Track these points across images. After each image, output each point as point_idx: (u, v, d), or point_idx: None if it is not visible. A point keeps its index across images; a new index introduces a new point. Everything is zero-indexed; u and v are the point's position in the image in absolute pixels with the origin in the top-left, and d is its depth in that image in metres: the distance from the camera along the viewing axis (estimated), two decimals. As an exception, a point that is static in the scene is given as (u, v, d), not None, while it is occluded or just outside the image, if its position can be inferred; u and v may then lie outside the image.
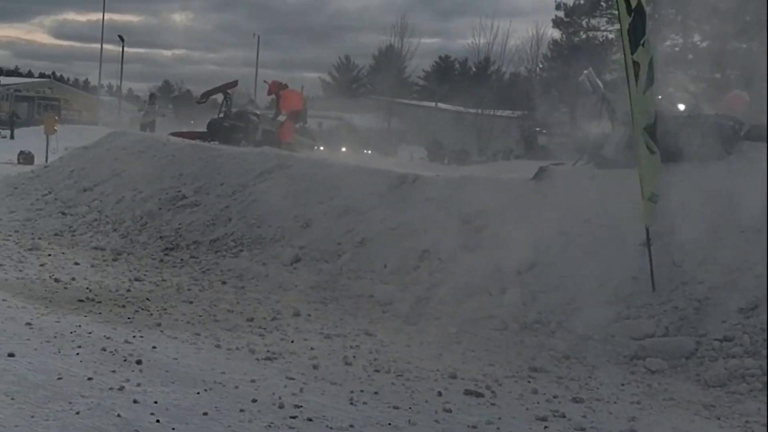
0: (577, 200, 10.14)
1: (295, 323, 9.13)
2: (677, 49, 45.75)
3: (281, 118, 21.02)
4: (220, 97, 22.31)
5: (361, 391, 6.83)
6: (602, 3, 60.97)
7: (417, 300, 9.71)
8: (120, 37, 75.39)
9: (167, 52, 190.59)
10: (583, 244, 9.60)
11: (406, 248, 10.86)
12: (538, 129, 60.47)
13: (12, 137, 50.20)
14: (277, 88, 21.40)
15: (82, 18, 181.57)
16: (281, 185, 13.48)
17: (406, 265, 10.63)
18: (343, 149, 39.97)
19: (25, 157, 31.79)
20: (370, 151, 46.14)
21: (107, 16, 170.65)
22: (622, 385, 7.52)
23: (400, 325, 9.19)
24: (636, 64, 8.70)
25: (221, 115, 21.18)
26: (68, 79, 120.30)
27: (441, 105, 79.43)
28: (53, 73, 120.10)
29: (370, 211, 12.01)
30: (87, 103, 77.17)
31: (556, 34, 65.73)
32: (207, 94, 23.41)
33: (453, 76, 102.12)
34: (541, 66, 67.54)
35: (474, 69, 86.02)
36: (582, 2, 61.06)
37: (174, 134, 19.54)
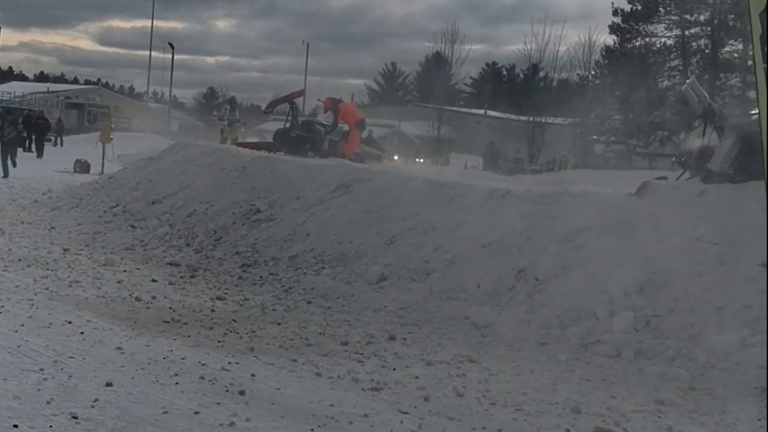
0: (686, 217, 9.56)
1: (392, 348, 8.62)
2: None
3: (345, 128, 20.66)
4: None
5: (483, 428, 6.32)
6: (660, 9, 60.08)
7: (517, 323, 9.17)
8: (170, 44, 76.03)
9: (211, 59, 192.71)
10: (696, 264, 9.01)
11: (501, 267, 10.35)
12: (594, 137, 59.83)
13: (61, 144, 50.25)
14: (333, 104, 20.97)
15: (126, 24, 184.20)
16: (361, 200, 13.04)
17: (501, 286, 10.11)
18: (395, 158, 39.73)
19: (81, 166, 31.64)
20: (422, 160, 45.66)
21: (152, 23, 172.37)
22: (759, 420, 6.93)
23: (505, 351, 8.63)
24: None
25: (287, 125, 20.79)
26: (114, 86, 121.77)
27: (490, 112, 78.94)
28: (99, 79, 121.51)
29: (458, 227, 11.52)
30: (136, 110, 77.48)
31: (609, 40, 64.80)
32: (273, 104, 23.04)
33: (501, 82, 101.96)
34: (593, 72, 66.44)
35: (522, 75, 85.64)
36: (639, 8, 60.12)
37: (239, 144, 19.19)
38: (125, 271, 11.85)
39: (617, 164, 46.48)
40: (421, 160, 44.77)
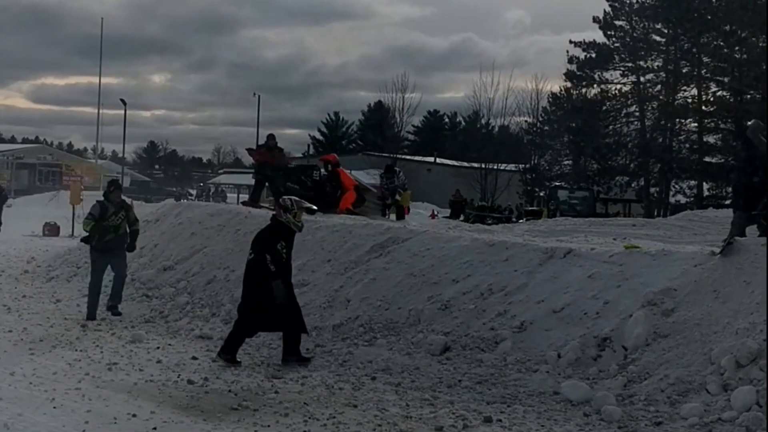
0: (784, 277, 8.92)
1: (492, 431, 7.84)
2: None
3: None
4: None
5: None
6: (615, 56, 60.64)
7: (618, 399, 8.40)
8: (122, 100, 74.48)
9: (147, 113, 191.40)
10: (810, 329, 8.36)
11: (580, 335, 9.62)
12: (558, 184, 59.78)
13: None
14: (337, 162, 20.09)
15: (60, 81, 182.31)
16: (402, 261, 12.25)
17: (586, 356, 9.38)
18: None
19: (51, 229, 30.61)
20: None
21: (86, 79, 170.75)
22: None
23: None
24: None
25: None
26: (52, 143, 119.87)
27: (440, 159, 78.85)
28: (36, 137, 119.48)
29: (520, 290, 10.78)
30: (86, 168, 75.84)
31: (556, 87, 65.35)
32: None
33: (444, 130, 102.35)
34: (542, 119, 66.73)
35: (464, 123, 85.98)
36: (594, 55, 60.61)
37: (246, 204, 18.34)
38: (158, 348, 10.93)
39: (582, 211, 46.18)
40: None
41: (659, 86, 61.21)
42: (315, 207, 11.34)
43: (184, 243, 15.49)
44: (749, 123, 10.91)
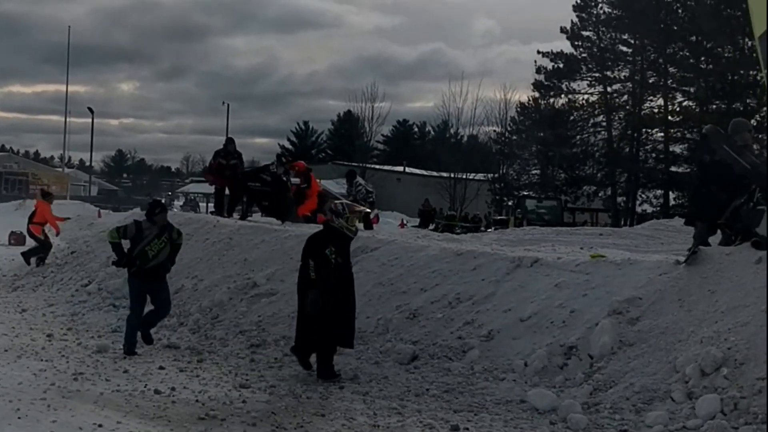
0: (748, 287, 9.03)
1: (460, 440, 7.87)
2: None
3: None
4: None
5: None
6: (582, 66, 61.12)
7: (584, 407, 8.46)
8: (89, 109, 74.22)
9: (115, 121, 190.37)
10: (773, 338, 8.46)
11: (547, 343, 9.68)
12: (525, 193, 60.11)
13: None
14: (306, 170, 19.94)
15: (27, 90, 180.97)
16: (371, 270, 12.27)
17: (552, 364, 9.44)
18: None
19: (17, 238, 30.14)
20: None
21: (53, 87, 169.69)
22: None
23: (584, 439, 7.95)
24: None
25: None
26: (18, 152, 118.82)
27: (409, 169, 78.99)
28: (3, 145, 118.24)
29: (487, 299, 10.84)
30: (53, 176, 75.18)
31: (524, 97, 65.74)
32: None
33: (413, 139, 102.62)
34: (510, 128, 67.10)
35: (433, 132, 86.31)
36: (561, 66, 61.06)
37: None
38: (125, 358, 10.87)
39: (550, 220, 46.48)
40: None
41: (626, 96, 61.88)
42: (367, 209, 11.26)
43: (152, 252, 15.38)
44: (705, 128, 11.02)
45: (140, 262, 11.39)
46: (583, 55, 61.65)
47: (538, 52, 62.56)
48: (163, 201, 22.36)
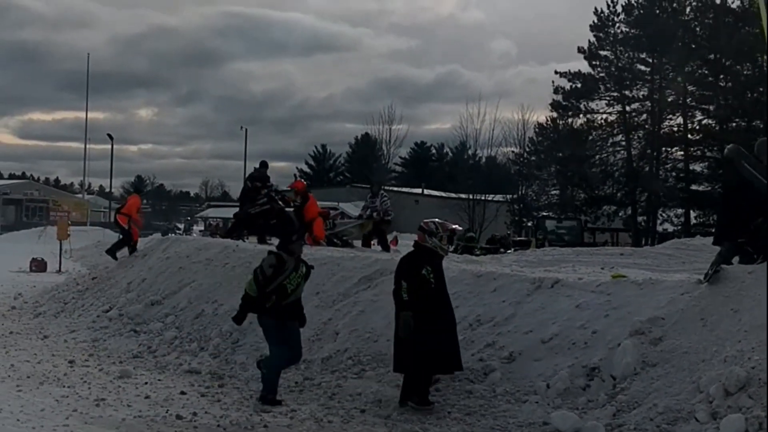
0: (770, 306, 8.94)
1: (483, 463, 7.82)
2: None
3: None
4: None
5: None
6: (600, 86, 61.06)
7: (608, 428, 8.40)
8: (109, 135, 74.82)
9: (134, 147, 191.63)
10: (799, 357, 8.37)
11: (569, 365, 9.62)
12: (545, 214, 59.94)
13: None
14: (305, 190, 19.97)
15: (47, 117, 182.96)
16: (391, 293, 12.19)
17: (575, 386, 9.38)
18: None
19: (38, 265, 30.37)
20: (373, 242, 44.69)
21: (73, 114, 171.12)
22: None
23: (608, 461, 7.88)
24: None
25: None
26: (39, 179, 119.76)
27: (427, 191, 78.98)
28: (23, 173, 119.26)
29: (508, 320, 10.79)
30: (73, 203, 75.72)
31: (542, 118, 65.73)
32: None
33: (431, 161, 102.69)
34: (529, 149, 66.99)
35: (451, 154, 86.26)
36: (579, 86, 61.02)
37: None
38: (146, 383, 10.88)
39: (570, 240, 46.34)
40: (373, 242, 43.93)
41: (645, 115, 61.73)
42: (460, 227, 11.10)
43: (172, 278, 15.44)
44: (727, 148, 10.93)
45: (277, 297, 9.99)
46: (601, 74, 61.62)
47: (556, 72, 62.65)
48: (183, 225, 22.60)
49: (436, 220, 10.32)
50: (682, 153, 60.32)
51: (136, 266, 17.28)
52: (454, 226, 10.25)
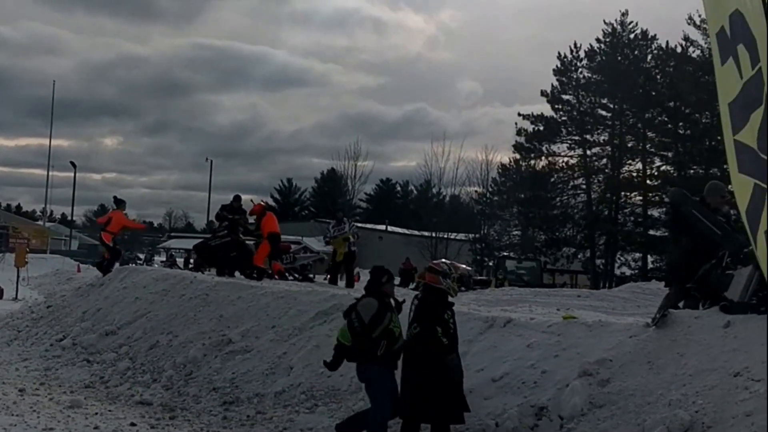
0: (717, 350, 9.12)
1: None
2: None
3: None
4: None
5: None
6: (562, 129, 61.82)
7: (555, 468, 8.52)
8: (72, 163, 74.53)
9: (97, 176, 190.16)
10: (741, 403, 8.54)
11: (518, 403, 9.71)
12: (506, 254, 60.30)
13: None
14: (262, 209, 19.68)
15: (9, 143, 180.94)
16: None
17: (522, 424, 9.46)
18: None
19: (-3, 292, 30.05)
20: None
21: (36, 140, 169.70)
22: None
23: (553, 500, 7.98)
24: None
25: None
26: (0, 205, 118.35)
27: (391, 227, 79.23)
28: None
29: (460, 358, 10.86)
30: (33, 230, 74.84)
31: (505, 158, 66.36)
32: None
33: (396, 198, 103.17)
34: (491, 189, 67.50)
35: (416, 192, 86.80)
36: (542, 128, 61.74)
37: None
38: (97, 413, 10.87)
39: (530, 281, 46.69)
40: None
41: (605, 159, 62.56)
42: (468, 268, 10.68)
43: (128, 308, 15.41)
44: (671, 190, 11.16)
45: (387, 343, 9.19)
46: (563, 118, 62.47)
47: (519, 114, 63.39)
48: (144, 256, 22.54)
49: (446, 261, 10.12)
50: (640, 198, 61.14)
51: (92, 295, 17.22)
52: (465, 267, 10.05)
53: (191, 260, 45.01)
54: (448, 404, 9.16)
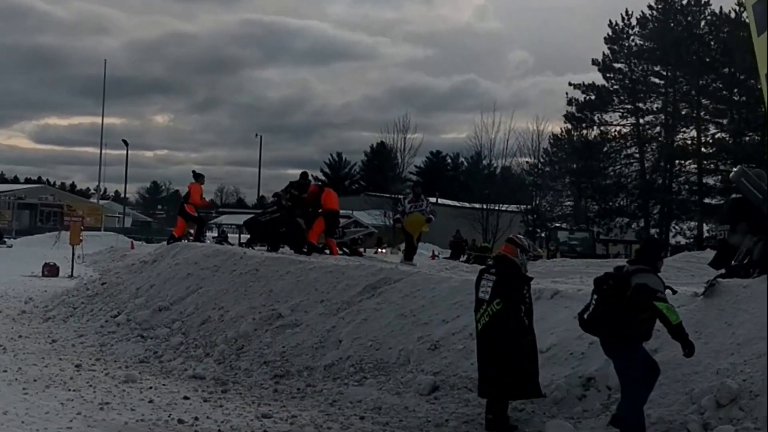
0: (764, 320, 9.04)
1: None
2: None
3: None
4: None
5: None
6: (614, 98, 61.16)
7: (607, 437, 8.53)
8: (124, 141, 75.39)
9: (149, 153, 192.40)
10: (792, 370, 8.48)
11: (565, 374, 9.75)
12: (557, 225, 60.00)
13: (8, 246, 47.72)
14: (317, 189, 19.26)
15: (63, 122, 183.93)
16: (394, 302, 12.41)
17: (571, 395, 9.49)
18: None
19: (50, 269, 30.64)
20: (384, 249, 44.73)
21: (89, 119, 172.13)
22: None
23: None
24: None
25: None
26: (54, 183, 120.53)
27: (441, 200, 79.04)
28: (39, 177, 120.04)
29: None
30: (87, 208, 76.16)
31: (557, 128, 65.72)
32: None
33: (446, 170, 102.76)
34: (543, 160, 66.95)
35: (466, 164, 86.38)
36: (593, 98, 61.13)
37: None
38: (151, 388, 11.04)
39: (582, 251, 46.38)
40: (384, 250, 44.01)
41: (658, 128, 61.85)
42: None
43: (180, 284, 15.66)
44: (734, 170, 11.05)
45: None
46: (615, 86, 61.82)
47: (570, 83, 62.81)
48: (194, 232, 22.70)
49: (525, 238, 10.03)
50: (695, 166, 60.35)
51: (145, 272, 17.50)
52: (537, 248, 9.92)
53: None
54: (522, 381, 9.05)
